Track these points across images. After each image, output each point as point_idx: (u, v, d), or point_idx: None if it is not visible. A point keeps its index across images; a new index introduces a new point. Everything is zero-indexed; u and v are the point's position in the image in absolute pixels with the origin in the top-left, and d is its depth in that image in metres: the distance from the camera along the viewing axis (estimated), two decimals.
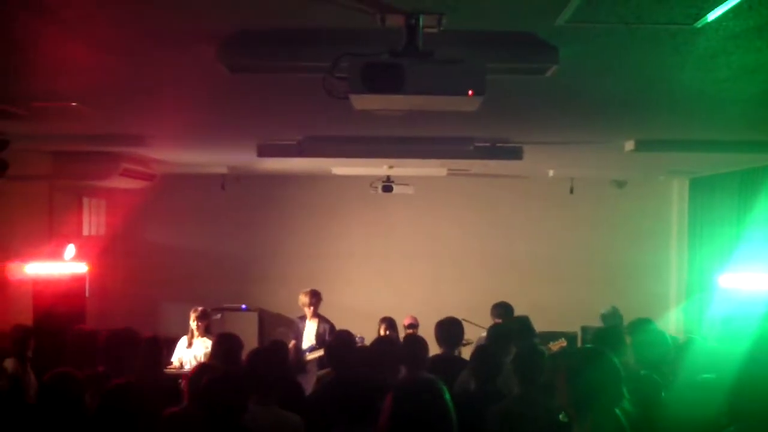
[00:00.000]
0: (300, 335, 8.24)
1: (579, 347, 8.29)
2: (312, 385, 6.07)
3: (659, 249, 11.22)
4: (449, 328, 6.17)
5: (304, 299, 8.27)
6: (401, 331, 8.25)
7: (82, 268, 9.34)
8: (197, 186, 10.94)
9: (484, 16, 3.23)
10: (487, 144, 7.13)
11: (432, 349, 5.74)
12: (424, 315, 8.24)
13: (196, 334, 7.64)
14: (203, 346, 7.47)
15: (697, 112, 5.42)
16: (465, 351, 7.22)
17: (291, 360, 7.06)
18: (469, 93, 3.16)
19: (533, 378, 4.58)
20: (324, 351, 6.62)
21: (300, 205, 11.36)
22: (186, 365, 7.42)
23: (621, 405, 3.47)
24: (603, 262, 11.02)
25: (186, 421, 4.17)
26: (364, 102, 3.37)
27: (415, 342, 5.60)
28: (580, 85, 4.55)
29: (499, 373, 5.00)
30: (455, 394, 3.11)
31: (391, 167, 9.29)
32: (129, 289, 10.56)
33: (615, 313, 7.89)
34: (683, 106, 5.18)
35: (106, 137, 7.16)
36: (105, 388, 4.19)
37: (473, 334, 7.89)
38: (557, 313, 9.48)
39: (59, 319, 8.29)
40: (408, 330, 8.44)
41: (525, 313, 6.94)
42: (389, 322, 8.03)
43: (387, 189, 9.94)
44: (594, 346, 4.96)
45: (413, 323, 8.57)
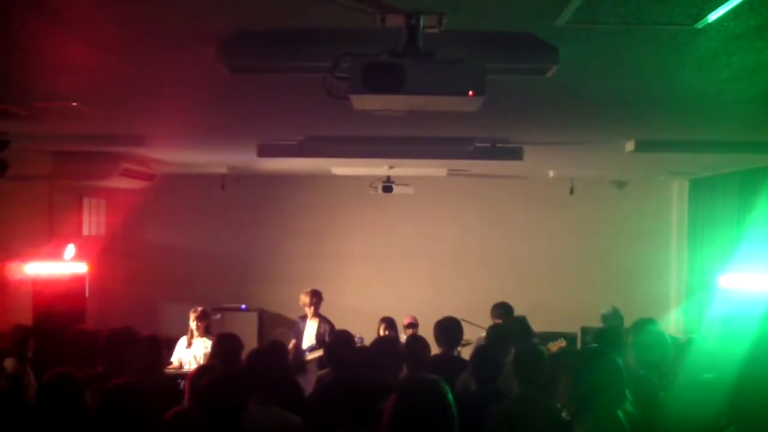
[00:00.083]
0: (300, 335, 8.24)
1: (583, 347, 8.30)
2: (312, 385, 6.08)
3: (659, 249, 11.22)
4: (448, 328, 6.16)
5: (304, 299, 8.27)
6: (401, 331, 8.26)
7: (81, 268, 9.34)
8: (197, 186, 10.94)
9: (484, 16, 3.23)
10: (488, 144, 7.13)
11: (431, 349, 5.74)
12: (423, 315, 8.23)
13: (195, 334, 7.63)
14: (203, 346, 7.46)
15: (698, 112, 5.41)
16: (465, 351, 7.22)
17: (291, 360, 7.06)
18: (470, 93, 3.16)
19: (533, 378, 4.58)
20: (323, 351, 6.63)
21: (300, 205, 11.36)
22: (186, 365, 7.41)
23: (623, 405, 3.48)
24: (603, 262, 11.02)
25: (187, 422, 4.16)
26: (364, 102, 3.36)
27: (417, 342, 5.61)
28: (580, 86, 4.55)
29: (500, 374, 5.00)
30: (456, 394, 3.09)
31: (392, 167, 9.29)
32: (129, 289, 10.56)
33: (615, 314, 7.88)
34: (684, 106, 5.18)
35: (106, 137, 7.16)
36: (104, 387, 4.18)
37: (473, 334, 7.88)
38: (557, 314, 9.48)
39: (59, 319, 8.28)
40: (408, 330, 8.46)
41: (525, 314, 6.94)
42: (389, 322, 8.03)
43: (387, 189, 9.95)
44: (597, 346, 4.97)
45: (413, 323, 8.57)
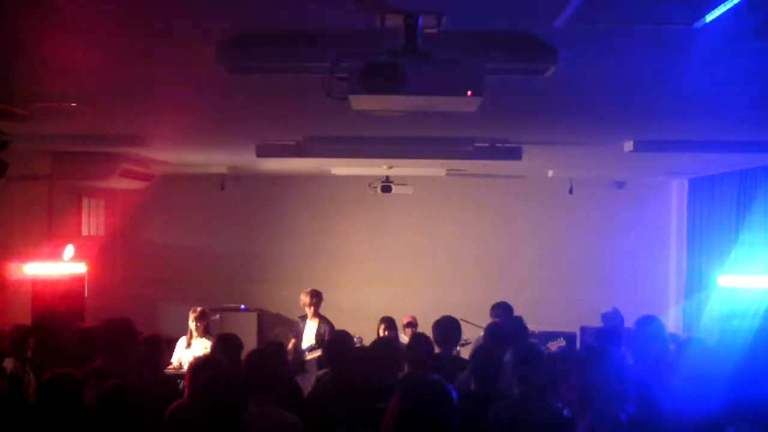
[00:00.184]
0: (300, 335, 8.24)
1: (583, 346, 8.30)
2: (311, 385, 6.07)
3: (658, 249, 11.23)
4: (446, 327, 6.16)
5: (304, 299, 8.26)
6: (400, 331, 8.27)
7: (81, 268, 9.32)
8: (196, 186, 10.94)
9: (483, 16, 3.23)
10: (486, 144, 7.13)
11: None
12: (423, 314, 8.24)
13: (195, 334, 7.63)
14: (202, 346, 7.46)
15: (696, 112, 5.42)
16: (465, 351, 7.22)
17: (290, 360, 7.06)
18: (468, 93, 3.17)
19: (533, 378, 4.57)
20: (322, 351, 6.63)
21: (299, 205, 11.36)
22: (185, 366, 7.40)
23: (624, 405, 3.48)
24: (602, 261, 11.02)
25: (188, 419, 4.17)
26: (363, 102, 3.37)
27: (421, 340, 5.63)
28: (579, 86, 4.55)
29: (499, 373, 5.00)
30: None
31: (390, 167, 9.29)
32: (128, 290, 10.54)
33: (616, 314, 7.88)
34: (682, 106, 5.18)
35: (105, 138, 7.16)
36: (104, 385, 4.17)
37: (472, 334, 7.88)
38: (556, 313, 9.47)
39: (58, 319, 8.28)
40: (407, 329, 8.47)
41: (524, 313, 6.94)
42: (389, 321, 8.03)
43: (386, 189, 9.96)
44: (599, 345, 4.97)
45: (412, 322, 8.58)
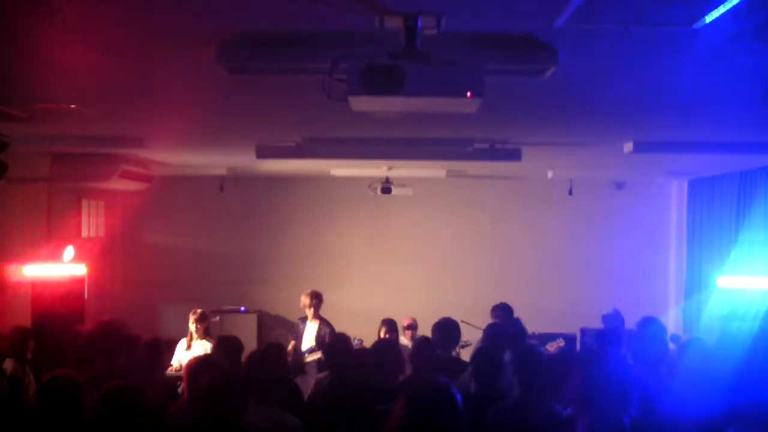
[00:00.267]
0: (300, 336, 8.23)
1: (582, 348, 8.30)
2: (311, 387, 6.07)
3: (658, 250, 11.23)
4: (446, 329, 6.17)
5: (305, 300, 8.25)
6: (400, 333, 8.26)
7: (80, 269, 9.32)
8: (196, 188, 10.94)
9: (483, 17, 3.23)
10: (486, 145, 7.13)
11: None
12: (423, 316, 8.23)
13: (195, 336, 7.63)
14: (203, 348, 7.46)
15: (696, 113, 5.42)
16: (465, 353, 7.22)
17: (290, 361, 7.05)
18: (468, 95, 3.17)
19: (533, 379, 4.58)
20: (322, 354, 6.63)
21: (299, 207, 11.36)
22: None
23: (627, 407, 3.48)
24: (602, 262, 11.02)
25: (187, 418, 4.17)
26: (362, 104, 3.37)
27: (425, 343, 5.64)
28: (579, 87, 4.54)
29: (499, 374, 5.00)
30: None
31: (390, 168, 9.29)
32: (128, 291, 10.55)
33: (616, 315, 7.89)
34: (682, 107, 5.18)
35: (105, 139, 7.16)
36: (103, 388, 4.17)
37: (472, 335, 7.88)
38: (556, 315, 9.46)
39: (58, 321, 8.28)
40: (407, 331, 8.46)
41: (524, 315, 6.96)
42: (390, 324, 8.01)
43: (386, 191, 9.96)
44: (600, 347, 4.98)
45: (412, 324, 8.57)
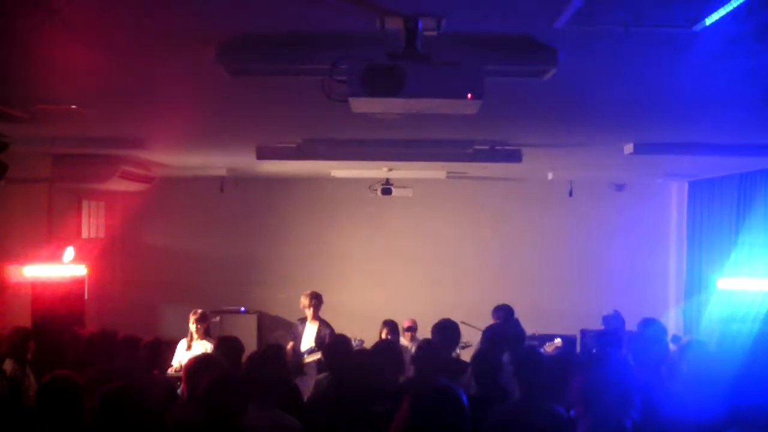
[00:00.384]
0: (299, 337, 8.22)
1: (582, 349, 8.31)
2: (310, 388, 6.07)
3: (658, 251, 11.24)
4: (446, 330, 6.17)
5: (304, 301, 8.25)
6: (401, 334, 8.26)
7: (81, 270, 9.32)
8: (196, 189, 10.95)
9: (483, 18, 3.23)
10: (487, 147, 7.13)
11: None
12: (423, 317, 8.23)
13: (195, 336, 7.62)
14: (203, 348, 7.45)
15: (696, 115, 5.42)
16: (466, 354, 7.22)
17: (289, 362, 7.05)
18: (468, 96, 3.17)
19: (533, 380, 4.58)
20: (322, 355, 6.62)
21: (299, 208, 11.37)
22: None
23: (629, 410, 3.48)
24: (602, 264, 11.03)
25: (187, 419, 4.17)
26: (363, 105, 3.37)
27: (429, 346, 5.65)
28: (579, 88, 4.55)
29: (500, 375, 5.01)
30: None
31: (391, 170, 9.30)
32: (128, 292, 10.56)
33: (617, 316, 7.90)
34: (682, 109, 5.18)
35: (105, 140, 7.16)
36: (102, 390, 4.18)
37: (473, 337, 7.88)
38: (556, 316, 9.48)
39: (58, 322, 8.28)
40: (407, 332, 8.46)
41: (524, 316, 6.97)
42: (391, 325, 8.02)
43: (386, 192, 9.97)
44: (600, 349, 4.98)
45: (412, 326, 8.57)
